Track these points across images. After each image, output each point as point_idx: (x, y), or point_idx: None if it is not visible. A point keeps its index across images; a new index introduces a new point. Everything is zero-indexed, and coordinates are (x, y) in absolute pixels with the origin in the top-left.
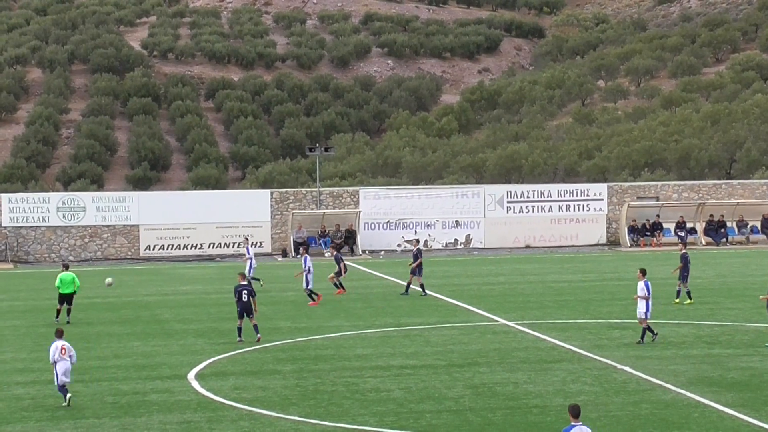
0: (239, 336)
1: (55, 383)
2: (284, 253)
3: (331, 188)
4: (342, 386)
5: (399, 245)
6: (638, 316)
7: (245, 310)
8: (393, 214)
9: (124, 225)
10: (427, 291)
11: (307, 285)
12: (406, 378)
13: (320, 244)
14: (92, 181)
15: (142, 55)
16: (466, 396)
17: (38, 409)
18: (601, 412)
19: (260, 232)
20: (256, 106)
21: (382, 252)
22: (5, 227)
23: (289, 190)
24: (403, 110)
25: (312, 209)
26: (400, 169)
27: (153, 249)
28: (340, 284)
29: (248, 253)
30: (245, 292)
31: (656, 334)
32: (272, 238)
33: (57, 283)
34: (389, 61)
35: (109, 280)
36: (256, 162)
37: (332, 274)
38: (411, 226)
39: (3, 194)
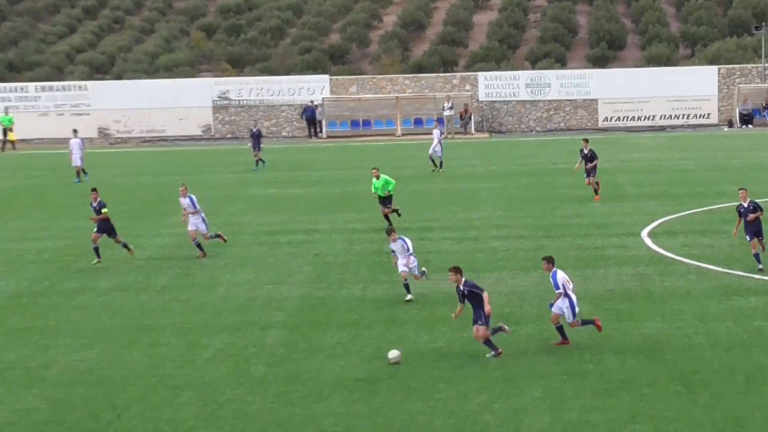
0: None
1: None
2: (730, 124)
3: None
4: None
5: None
6: None
7: None
8: None
9: (585, 99)
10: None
11: None
12: None
13: (764, 116)
14: (556, 60)
15: None
16: None
17: (511, 260)
18: None
19: (707, 104)
20: None
21: None
22: (481, 102)
23: (735, 66)
24: None
25: (757, 83)
26: None
27: (610, 120)
28: None
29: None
30: None
31: None
32: (719, 110)
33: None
34: None
35: (393, 356)
36: (705, 41)
37: None
38: None
39: (480, 73)
